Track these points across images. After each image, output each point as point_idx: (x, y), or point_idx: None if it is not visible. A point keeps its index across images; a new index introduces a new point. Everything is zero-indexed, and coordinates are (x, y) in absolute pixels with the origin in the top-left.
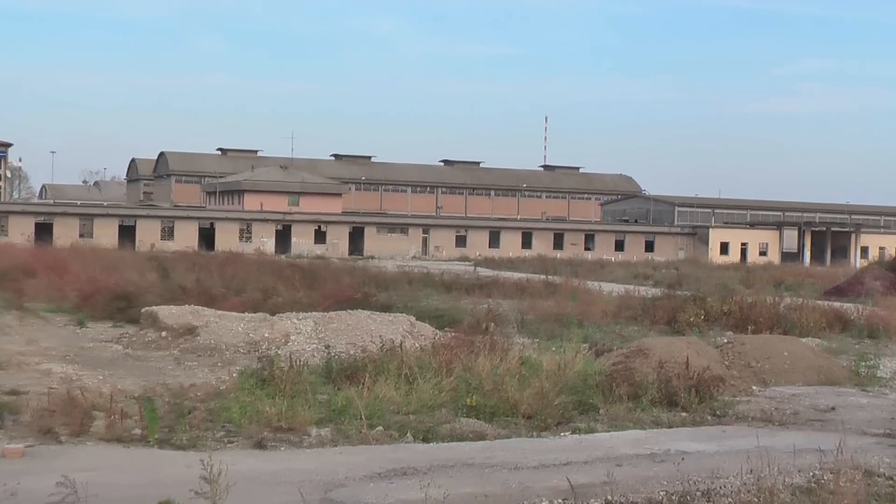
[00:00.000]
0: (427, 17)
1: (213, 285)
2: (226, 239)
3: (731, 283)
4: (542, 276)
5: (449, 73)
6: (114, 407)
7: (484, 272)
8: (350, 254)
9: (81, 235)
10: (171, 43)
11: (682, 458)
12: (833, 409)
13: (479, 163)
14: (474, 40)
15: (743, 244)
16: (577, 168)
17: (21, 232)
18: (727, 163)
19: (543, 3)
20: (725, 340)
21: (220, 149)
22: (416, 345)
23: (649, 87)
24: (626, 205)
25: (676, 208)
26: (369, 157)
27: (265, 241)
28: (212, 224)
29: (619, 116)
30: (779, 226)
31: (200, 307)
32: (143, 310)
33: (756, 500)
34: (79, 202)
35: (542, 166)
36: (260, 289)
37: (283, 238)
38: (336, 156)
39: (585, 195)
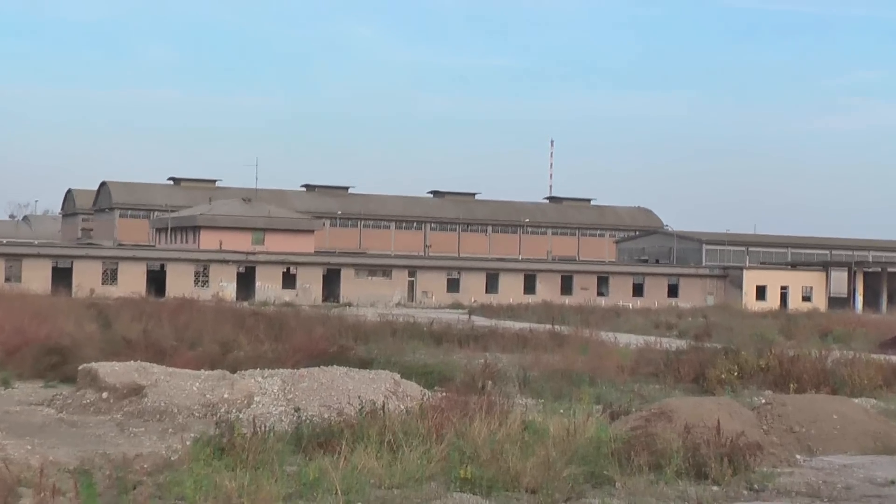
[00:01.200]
0: (414, 23)
1: (164, 337)
2: (178, 283)
3: (770, 334)
4: (548, 326)
5: (439, 88)
6: (44, 482)
7: (480, 321)
8: (324, 300)
9: (8, 279)
10: (114, 52)
11: None
12: (893, 483)
13: (473, 194)
14: (469, 51)
15: (783, 288)
16: (588, 200)
17: None
18: (763, 192)
19: (546, 7)
20: (763, 401)
21: (172, 178)
22: (402, 406)
23: (671, 103)
24: (645, 242)
25: (704, 246)
26: (346, 188)
27: (225, 285)
28: (162, 266)
29: (637, 139)
30: (825, 266)
31: (148, 363)
32: (80, 367)
33: None
34: (4, 240)
35: (547, 198)
36: (218, 341)
37: (245, 282)
38: (308, 186)
39: (598, 231)
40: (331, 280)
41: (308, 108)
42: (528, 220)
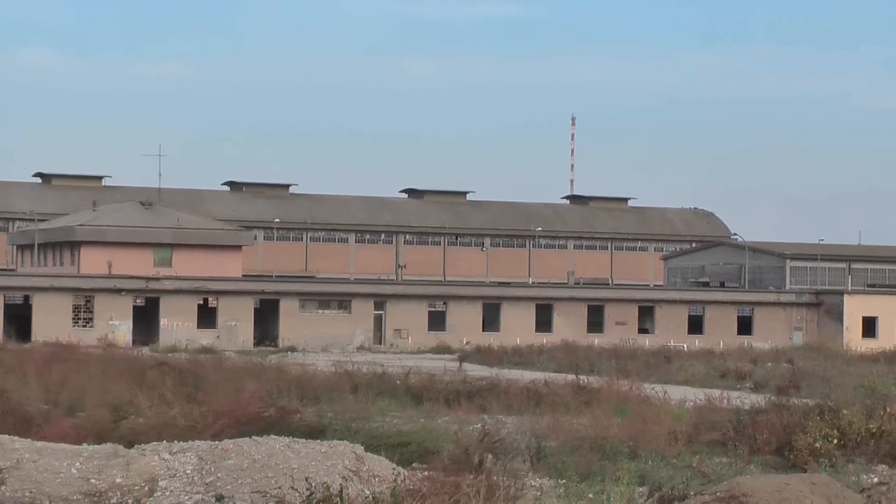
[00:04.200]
0: None
1: (30, 400)
2: (50, 322)
3: (883, 385)
4: (570, 377)
5: (416, 48)
6: None
7: (475, 370)
8: (257, 343)
9: None
10: None
11: None
12: None
13: (465, 193)
14: None
15: None
16: (625, 199)
17: None
18: (872, 190)
19: None
20: (876, 480)
21: (39, 174)
22: (367, 492)
23: (738, 66)
24: (704, 258)
25: (789, 262)
26: (287, 187)
27: (116, 324)
28: (26, 298)
29: (692, 118)
30: None
31: (7, 437)
32: None
33: None
34: None
35: (567, 197)
36: (108, 404)
37: (145, 319)
38: (233, 184)
39: (639, 243)
40: (266, 315)
41: (234, 78)
42: (540, 228)
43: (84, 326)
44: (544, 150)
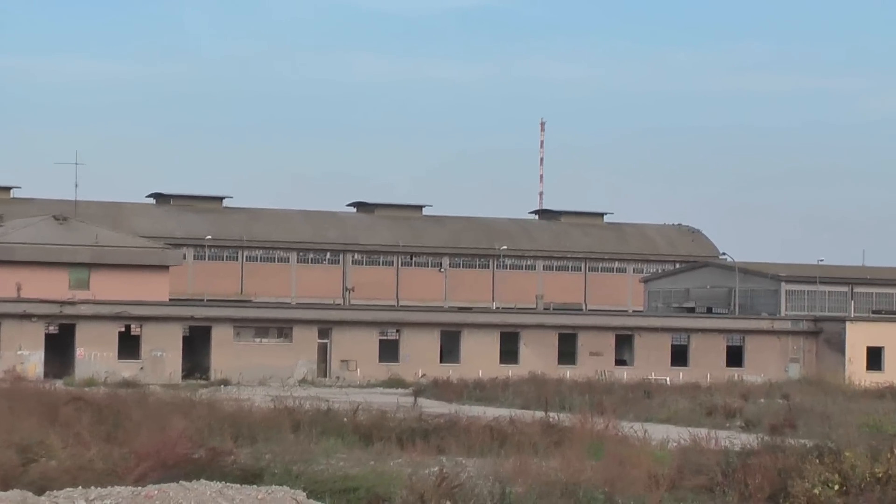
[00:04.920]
0: None
1: None
2: None
3: (890, 424)
4: (539, 414)
5: (367, 43)
6: None
7: (432, 406)
8: (186, 376)
9: None
10: None
11: None
12: None
13: (421, 207)
14: None
15: None
16: (601, 214)
17: None
18: (874, 207)
19: None
20: None
21: None
22: None
23: (731, 63)
24: (690, 280)
25: (784, 286)
26: (221, 199)
27: (26, 354)
28: None
29: (675, 123)
30: None
31: None
32: None
33: None
34: None
35: (535, 211)
36: (15, 444)
37: (59, 348)
38: (159, 196)
39: (616, 263)
40: (197, 344)
41: (161, 78)
42: (506, 246)
43: None
44: (510, 159)
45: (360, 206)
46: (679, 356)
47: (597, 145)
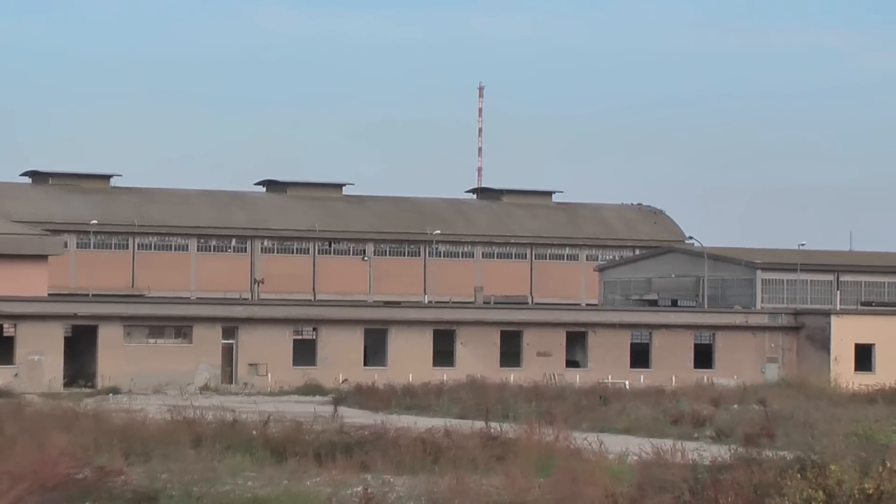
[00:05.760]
0: None
1: None
2: None
3: (881, 433)
4: (479, 424)
5: None
6: None
7: (355, 416)
8: (69, 383)
9: None
10: None
11: None
12: None
13: (340, 186)
14: None
15: None
16: (549, 193)
17: None
18: (862, 183)
19: None
20: None
21: None
22: None
23: (700, 16)
24: (652, 268)
25: (760, 274)
26: (108, 178)
27: None
28: None
29: (632, 85)
30: None
31: None
32: None
33: None
34: None
35: (473, 190)
36: None
37: None
38: (35, 175)
39: (567, 249)
40: (81, 347)
41: (37, 34)
42: (439, 230)
43: None
44: (443, 130)
45: (269, 184)
46: (640, 356)
47: (543, 115)
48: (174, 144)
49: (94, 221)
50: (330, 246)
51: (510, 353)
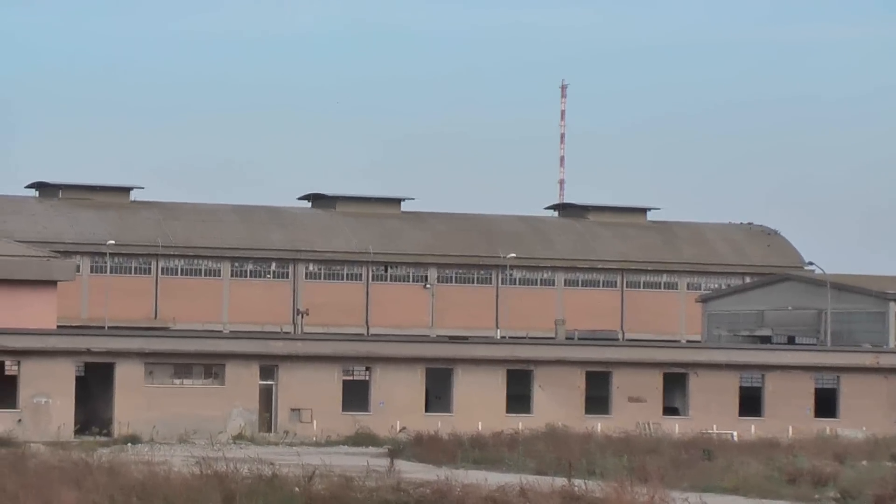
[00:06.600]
0: None
1: None
2: None
3: None
4: (560, 481)
5: None
6: None
7: (414, 471)
8: (81, 430)
9: None
10: None
11: None
12: None
13: (398, 200)
14: None
15: None
16: (643, 210)
17: None
18: None
19: None
20: None
21: None
22: None
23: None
24: (764, 299)
25: (893, 306)
26: (128, 191)
27: None
28: None
29: (741, 90)
30: None
31: None
32: None
33: None
34: None
35: (554, 206)
36: None
37: None
38: (43, 187)
39: (664, 276)
40: (95, 388)
41: (45, 27)
42: (514, 253)
43: None
44: (519, 137)
45: (315, 199)
46: (750, 403)
47: (635, 119)
48: (203, 152)
49: (111, 241)
50: (385, 271)
51: (597, 397)
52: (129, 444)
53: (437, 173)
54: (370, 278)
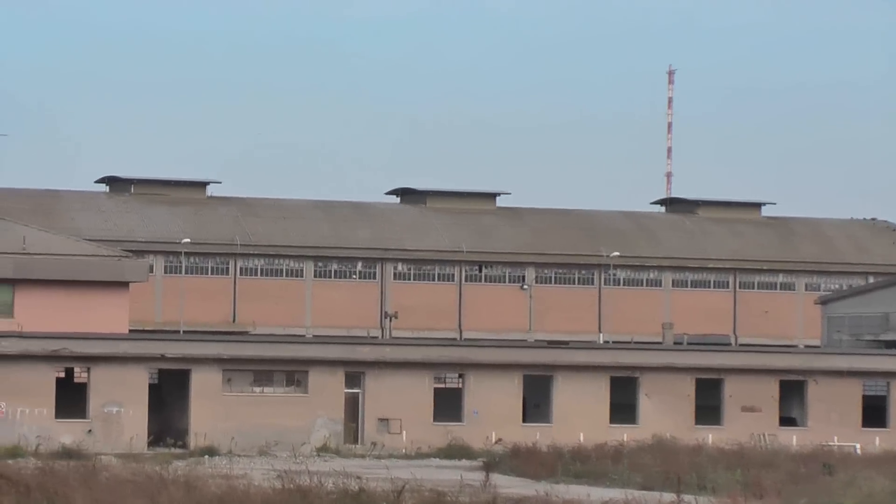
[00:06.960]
0: None
1: None
2: None
3: None
4: (669, 497)
5: None
6: None
7: (512, 486)
8: (154, 441)
9: None
10: None
11: None
12: None
13: (494, 195)
14: None
15: None
16: (758, 205)
17: None
18: None
19: None
20: None
21: None
22: None
23: None
24: (890, 299)
25: None
26: (204, 185)
27: None
28: None
29: (855, 70)
30: None
31: None
32: None
33: None
34: None
35: (661, 201)
36: None
37: None
38: (114, 181)
39: (780, 275)
40: (170, 396)
41: (105, 13)
42: (617, 252)
43: None
44: (622, 126)
45: (404, 193)
46: (874, 413)
47: (748, 109)
48: (285, 145)
49: (187, 240)
50: (480, 271)
51: (708, 407)
52: (206, 457)
53: (534, 166)
54: (463, 279)
